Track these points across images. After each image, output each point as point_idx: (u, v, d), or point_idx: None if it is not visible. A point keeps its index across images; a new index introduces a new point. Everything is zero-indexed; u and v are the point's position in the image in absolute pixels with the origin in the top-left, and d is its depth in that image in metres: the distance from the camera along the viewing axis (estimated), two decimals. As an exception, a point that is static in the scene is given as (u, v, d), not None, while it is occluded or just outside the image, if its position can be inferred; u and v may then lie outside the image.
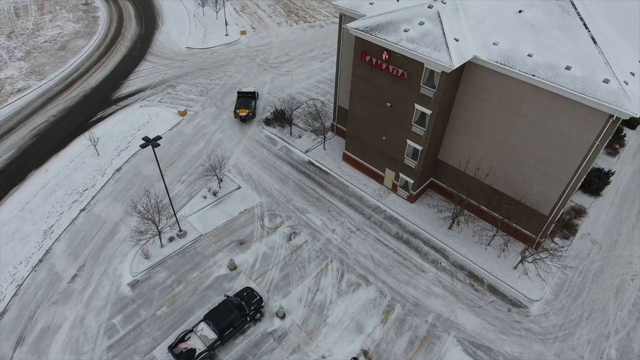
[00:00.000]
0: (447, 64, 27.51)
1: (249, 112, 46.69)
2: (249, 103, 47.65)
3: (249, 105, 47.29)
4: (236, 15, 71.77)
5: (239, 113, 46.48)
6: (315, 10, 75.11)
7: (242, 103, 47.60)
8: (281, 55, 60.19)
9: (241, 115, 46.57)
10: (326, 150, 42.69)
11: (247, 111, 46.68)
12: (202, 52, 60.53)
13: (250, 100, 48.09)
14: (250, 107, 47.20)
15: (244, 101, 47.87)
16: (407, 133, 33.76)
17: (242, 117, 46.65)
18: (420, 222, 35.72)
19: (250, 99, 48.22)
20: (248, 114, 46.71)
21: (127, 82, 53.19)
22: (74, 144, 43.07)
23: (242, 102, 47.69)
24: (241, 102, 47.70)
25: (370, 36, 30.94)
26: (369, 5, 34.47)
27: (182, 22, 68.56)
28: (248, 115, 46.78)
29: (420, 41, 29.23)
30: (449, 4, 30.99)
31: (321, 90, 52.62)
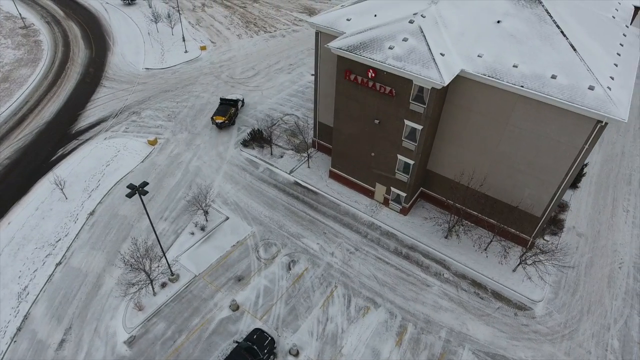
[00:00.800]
0: (439, 81, 27.38)
1: (225, 119, 45.96)
2: (227, 110, 46.94)
3: (227, 113, 46.57)
4: (192, 29, 68.78)
5: (215, 120, 45.85)
6: (273, 19, 73.53)
7: (220, 110, 47.12)
8: (247, 70, 58.31)
9: (217, 122, 45.91)
10: (311, 169, 41.70)
11: (223, 118, 45.95)
12: (163, 73, 57.41)
13: (229, 107, 47.40)
14: (229, 114, 46.50)
15: (222, 108, 47.37)
16: (397, 148, 33.49)
17: (217, 124, 46.02)
18: (417, 235, 35.69)
19: (230, 107, 47.53)
20: (224, 122, 46.02)
21: (85, 113, 49.37)
22: (36, 188, 39.32)
23: (221, 109, 47.19)
24: (219, 109, 47.22)
25: (355, 55, 30.27)
26: (346, 22, 33.79)
27: (135, 41, 64.73)
28: (224, 122, 46.12)
29: (407, 58, 28.93)
30: (428, 17, 30.91)
31: (294, 104, 51.45)
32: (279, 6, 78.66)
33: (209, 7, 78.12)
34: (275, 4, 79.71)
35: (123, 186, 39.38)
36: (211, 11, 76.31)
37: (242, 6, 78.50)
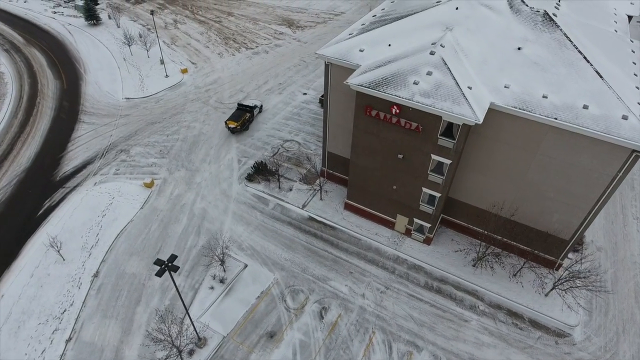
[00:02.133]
0: (473, 119, 26.37)
1: (237, 125, 47.06)
2: (241, 116, 47.98)
3: (240, 118, 47.57)
4: (168, 49, 64.85)
5: (228, 124, 47.22)
6: (252, 34, 70.64)
7: (234, 115, 48.18)
8: (236, 93, 55.54)
9: (230, 127, 47.23)
10: (324, 201, 40.00)
11: (235, 124, 47.07)
12: (146, 102, 53.74)
13: (244, 113, 48.49)
14: (242, 119, 47.52)
15: (237, 113, 48.40)
16: (422, 182, 32.41)
17: (230, 128, 47.33)
18: (445, 265, 34.89)
19: (245, 112, 48.61)
20: (236, 127, 47.15)
21: (67, 155, 45.32)
22: (27, 251, 35.55)
23: (235, 114, 48.24)
24: (234, 114, 48.33)
25: (379, 93, 28.75)
26: (360, 53, 32.18)
27: (109, 67, 60.28)
28: (237, 128, 47.26)
29: (435, 94, 27.74)
30: (447, 47, 29.82)
31: (292, 128, 49.40)
32: (256, 19, 75.74)
33: (181, 23, 74.10)
34: (251, 16, 76.69)
35: (126, 239, 36.31)
36: (185, 28, 72.40)
37: (216, 20, 75.02)
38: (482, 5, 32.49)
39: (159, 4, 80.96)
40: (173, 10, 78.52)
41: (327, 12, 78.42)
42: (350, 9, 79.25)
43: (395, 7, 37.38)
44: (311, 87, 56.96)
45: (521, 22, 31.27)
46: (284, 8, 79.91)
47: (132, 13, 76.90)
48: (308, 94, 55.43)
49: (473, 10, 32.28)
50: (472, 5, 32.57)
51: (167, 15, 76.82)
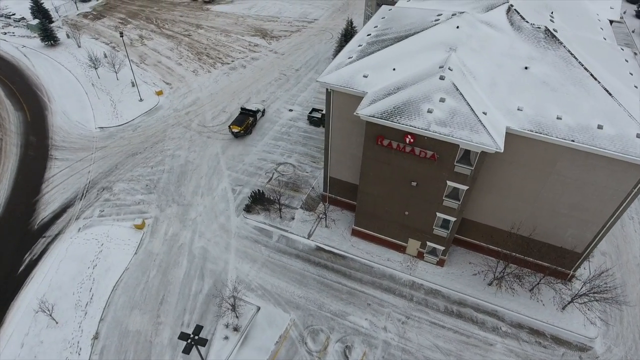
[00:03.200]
0: (493, 147, 25.70)
1: (241, 129, 47.78)
2: (244, 120, 48.65)
3: (244, 122, 48.31)
4: (138, 69, 60.93)
5: (231, 128, 47.95)
6: (226, 47, 67.66)
7: (238, 119, 48.87)
8: (218, 114, 52.86)
9: (233, 132, 47.95)
10: (329, 228, 38.54)
11: (239, 128, 47.77)
12: (122, 131, 50.11)
13: (247, 117, 49.11)
14: (245, 124, 48.26)
15: (240, 117, 49.08)
16: (437, 207, 31.62)
17: (233, 133, 48.03)
18: (461, 287, 34.41)
19: (248, 116, 49.20)
20: (240, 131, 47.83)
21: (43, 199, 41.41)
22: (12, 316, 32.03)
23: (238, 118, 48.95)
24: (237, 118, 49.01)
25: (393, 124, 27.56)
26: (364, 79, 30.83)
27: (76, 94, 55.86)
28: (240, 132, 47.93)
29: (451, 122, 26.86)
30: (455, 70, 29.05)
31: (283, 149, 47.49)
32: (227, 30, 72.65)
33: (148, 39, 69.94)
34: (221, 28, 73.50)
35: (124, 291, 33.52)
36: (153, 44, 68.37)
37: (185, 34, 71.34)
38: (482, 23, 31.94)
39: (120, 19, 76.23)
40: (137, 25, 74.09)
41: (300, 19, 76.46)
42: (322, 15, 77.68)
43: (389, 25, 36.25)
44: (295, 102, 55.14)
45: (524, 39, 30.95)
46: (254, 17, 77.23)
47: (92, 30, 71.93)
48: (294, 110, 53.59)
49: (474, 28, 31.67)
50: (472, 23, 31.96)
51: (131, 30, 72.36)
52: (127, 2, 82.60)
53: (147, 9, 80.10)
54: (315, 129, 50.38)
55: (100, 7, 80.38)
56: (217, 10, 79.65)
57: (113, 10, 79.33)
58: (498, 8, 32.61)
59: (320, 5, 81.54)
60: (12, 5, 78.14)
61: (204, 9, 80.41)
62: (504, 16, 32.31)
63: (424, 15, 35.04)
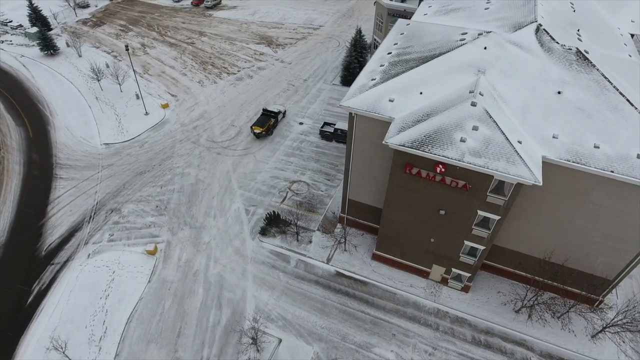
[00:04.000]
0: (532, 180, 24.61)
1: (262, 130, 48.57)
2: (266, 121, 49.43)
3: (265, 124, 49.10)
4: (143, 80, 59.25)
5: (253, 129, 48.83)
6: (231, 55, 66.08)
7: (260, 120, 49.67)
8: (227, 128, 51.41)
9: (255, 132, 48.85)
10: (349, 252, 37.37)
11: (261, 129, 48.58)
12: (128, 147, 48.53)
13: (269, 118, 49.84)
14: (267, 125, 49.06)
15: (262, 119, 49.83)
16: (465, 235, 30.53)
17: (255, 133, 48.93)
18: (488, 314, 33.40)
19: (270, 117, 49.93)
20: (262, 132, 48.67)
21: (49, 222, 39.87)
22: (22, 352, 30.57)
23: (260, 120, 49.72)
24: (259, 119, 49.79)
25: (425, 154, 26.39)
26: (390, 103, 29.60)
27: (79, 107, 54.17)
28: (262, 133, 48.78)
29: (486, 152, 25.73)
30: (486, 95, 27.91)
31: (296, 166, 46.16)
32: (231, 38, 71.03)
33: (150, 47, 68.20)
34: (225, 35, 71.85)
35: (139, 323, 32.20)
36: (155, 53, 66.65)
37: (189, 42, 69.63)
38: (511, 44, 30.81)
39: (121, 26, 74.35)
40: (138, 33, 72.26)
41: (305, 25, 74.95)
42: (327, 21, 76.21)
43: (410, 43, 34.99)
44: (305, 114, 53.79)
45: (555, 62, 29.88)
46: (258, 24, 75.62)
47: (93, 38, 70.04)
48: (304, 123, 52.29)
49: (503, 49, 30.54)
50: (501, 44, 30.82)
51: (132, 38, 70.54)
52: (127, 8, 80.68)
53: (148, 15, 78.23)
54: (328, 144, 49.13)
55: (99, 13, 78.42)
56: (219, 17, 77.96)
57: (113, 17, 77.39)
58: (526, 28, 31.50)
59: (324, 10, 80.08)
60: (8, 12, 76.02)
61: (206, 15, 78.68)
62: (533, 36, 31.21)
63: (447, 34, 33.83)
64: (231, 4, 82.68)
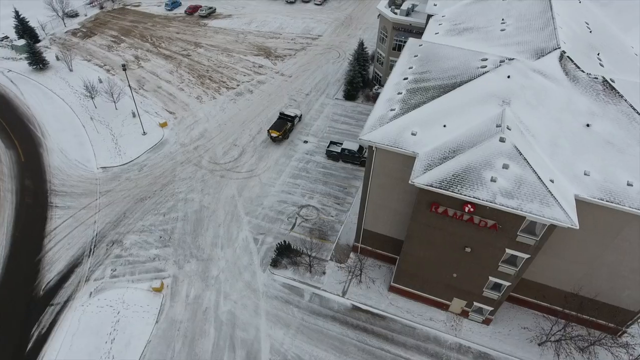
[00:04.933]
0: (568, 223, 23.53)
1: (279, 134, 49.04)
2: (282, 125, 49.89)
3: (282, 127, 49.51)
4: (138, 97, 56.92)
5: (270, 133, 49.26)
6: (229, 69, 64.02)
7: (276, 124, 50.08)
8: (230, 148, 49.56)
9: (272, 136, 49.28)
10: (365, 284, 36.02)
11: (278, 133, 49.03)
12: (127, 170, 46.36)
13: (286, 122, 50.33)
14: (284, 129, 49.48)
15: (279, 122, 50.28)
16: (490, 272, 29.43)
17: (272, 137, 49.35)
18: (511, 349, 32.40)
19: (286, 121, 50.43)
20: (278, 136, 49.13)
21: (46, 257, 37.66)
22: (24, 408, 28.66)
23: (277, 123, 50.14)
24: (276, 123, 50.27)
25: (454, 194, 25.10)
26: (413, 137, 28.26)
27: (72, 127, 51.70)
28: (278, 137, 49.23)
29: (518, 193, 24.56)
30: (513, 129, 26.76)
31: (304, 189, 44.60)
32: (228, 49, 68.88)
33: (145, 60, 65.75)
34: (222, 46, 69.66)
35: None
36: (150, 66, 64.24)
37: (184, 54, 67.30)
38: (535, 72, 29.71)
39: (113, 37, 71.64)
40: (131, 44, 69.69)
41: (303, 35, 73.22)
42: (326, 31, 74.56)
43: (427, 67, 33.63)
44: (309, 132, 52.25)
45: (582, 92, 28.87)
46: (255, 34, 73.61)
47: (84, 50, 67.29)
48: (309, 142, 50.74)
49: (527, 78, 29.42)
50: (525, 72, 29.69)
51: (125, 50, 67.97)
52: (117, 17, 77.88)
53: (141, 24, 75.58)
54: (335, 164, 47.66)
55: (89, 23, 75.48)
56: (215, 26, 75.67)
57: (104, 27, 74.56)
58: (550, 55, 30.41)
59: (322, 19, 78.42)
60: (-7, 23, 72.72)
61: (200, 24, 76.32)
62: (557, 64, 30.14)
63: (465, 58, 32.57)
64: (226, 12, 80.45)
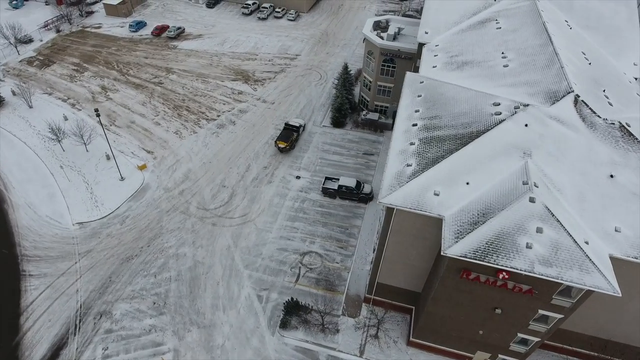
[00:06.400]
0: (610, 291, 22.54)
1: (287, 145, 49.62)
2: (289, 136, 50.33)
3: (289, 138, 50.05)
4: (110, 134, 52.20)
5: (278, 144, 49.94)
6: (206, 97, 60.23)
7: (283, 135, 50.60)
8: (218, 190, 46.26)
9: (280, 147, 49.91)
10: (381, 340, 34.19)
11: (285, 144, 49.58)
12: (108, 225, 42.16)
13: (292, 132, 50.88)
14: (291, 140, 50.01)
15: (285, 133, 50.82)
16: (519, 329, 28.27)
17: (280, 148, 50.03)
18: (538, 400, 31.63)
19: (292, 132, 50.97)
20: (286, 147, 49.72)
21: (25, 340, 33.24)
22: None
23: (284, 134, 50.67)
24: (283, 134, 50.77)
25: (491, 264, 23.56)
26: (436, 197, 26.52)
27: (39, 176, 46.67)
28: (286, 147, 49.80)
29: (556, 260, 23.30)
30: (540, 185, 25.57)
31: (303, 232, 42.13)
32: (203, 74, 64.89)
33: (113, 90, 60.77)
34: (196, 71, 65.54)
35: None
36: (120, 97, 59.43)
37: (156, 82, 62.77)
38: (552, 120, 28.68)
39: (74, 65, 65.94)
40: (96, 72, 64.35)
41: (280, 55, 70.32)
42: (303, 49, 71.97)
43: (435, 111, 32.00)
44: (300, 166, 49.76)
45: (601, 139, 28.11)
46: (230, 55, 69.96)
47: (43, 82, 61.50)
48: (302, 177, 48.29)
49: (545, 126, 28.33)
50: (542, 119, 28.60)
51: (90, 80, 62.65)
52: (77, 42, 71.88)
53: (104, 49, 70.06)
54: (332, 202, 45.50)
55: (46, 50, 69.19)
56: (186, 49, 71.27)
57: (63, 53, 68.54)
58: (564, 100, 29.43)
59: (297, 36, 75.76)
60: None
61: (170, 46, 71.69)
62: (572, 109, 29.26)
63: (475, 102, 31.20)
64: (196, 32, 76.13)
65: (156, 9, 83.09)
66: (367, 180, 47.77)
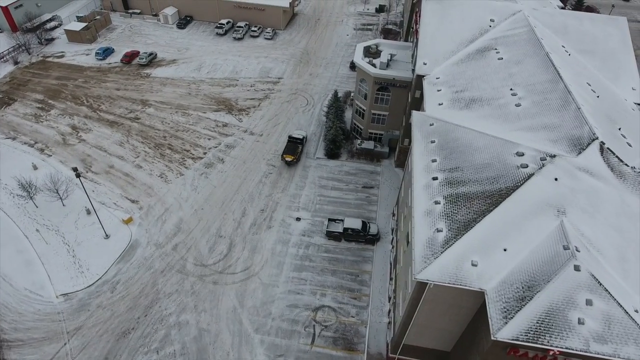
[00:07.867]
0: (670, 366, 21.47)
1: (294, 158, 50.68)
2: (295, 149, 51.44)
3: (295, 151, 51.20)
4: (88, 182, 47.69)
5: (285, 157, 50.68)
6: (189, 132, 56.38)
7: (289, 148, 51.58)
8: (215, 242, 42.96)
9: (287, 160, 50.73)
10: (411, 404, 32.39)
11: (292, 157, 50.61)
12: (97, 294, 38.11)
13: (297, 145, 52.00)
14: (297, 153, 51.20)
15: (291, 146, 51.77)
16: (562, 394, 27.06)
17: (287, 162, 50.80)
18: None
19: (297, 145, 52.11)
20: (293, 160, 50.73)
21: None
22: None
23: (290, 147, 51.65)
24: (288, 147, 51.76)
25: (547, 346, 21.94)
26: (474, 268, 24.67)
27: (12, 240, 41.70)
28: (293, 160, 50.79)
29: (610, 336, 21.91)
30: (581, 248, 24.19)
31: (312, 283, 39.62)
32: (182, 106, 60.89)
33: (85, 130, 55.86)
34: (174, 103, 61.41)
35: None
36: (93, 138, 54.64)
37: (132, 117, 58.28)
38: (581, 172, 27.43)
39: (38, 101, 60.42)
40: (63, 110, 59.11)
41: (262, 79, 67.21)
42: (285, 71, 69.18)
43: (454, 161, 30.25)
44: (300, 206, 47.17)
45: (631, 190, 27.14)
46: (208, 82, 66.16)
47: (4, 124, 55.97)
48: (302, 218, 45.72)
49: (575, 180, 27.05)
50: (571, 172, 27.31)
51: (57, 119, 57.45)
52: (39, 74, 66.02)
53: (70, 82, 64.62)
54: (338, 245, 43.23)
55: (4, 86, 63.09)
56: (160, 76, 66.86)
57: (24, 89, 62.68)
58: (591, 148, 28.20)
59: (277, 57, 72.81)
60: None
61: (143, 75, 67.07)
62: (599, 159, 28.15)
63: (496, 150, 29.67)
64: (169, 56, 71.70)
65: (123, 33, 77.89)
66: (371, 218, 45.78)
